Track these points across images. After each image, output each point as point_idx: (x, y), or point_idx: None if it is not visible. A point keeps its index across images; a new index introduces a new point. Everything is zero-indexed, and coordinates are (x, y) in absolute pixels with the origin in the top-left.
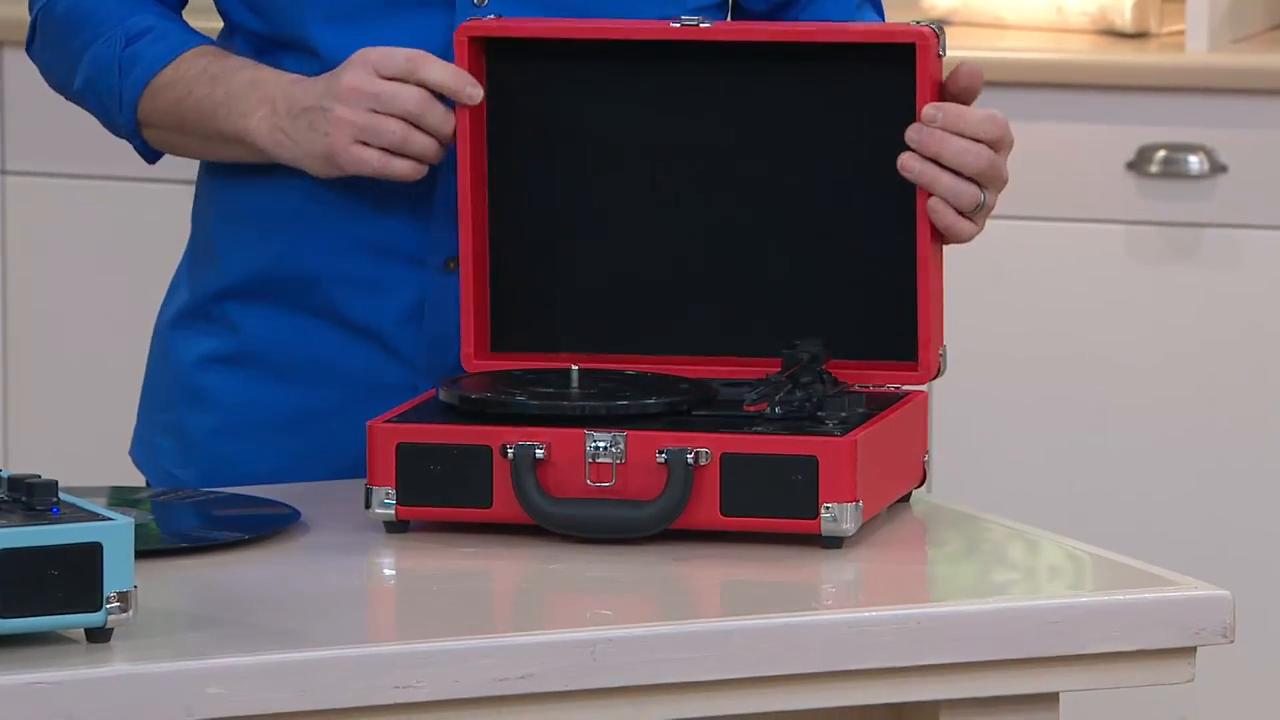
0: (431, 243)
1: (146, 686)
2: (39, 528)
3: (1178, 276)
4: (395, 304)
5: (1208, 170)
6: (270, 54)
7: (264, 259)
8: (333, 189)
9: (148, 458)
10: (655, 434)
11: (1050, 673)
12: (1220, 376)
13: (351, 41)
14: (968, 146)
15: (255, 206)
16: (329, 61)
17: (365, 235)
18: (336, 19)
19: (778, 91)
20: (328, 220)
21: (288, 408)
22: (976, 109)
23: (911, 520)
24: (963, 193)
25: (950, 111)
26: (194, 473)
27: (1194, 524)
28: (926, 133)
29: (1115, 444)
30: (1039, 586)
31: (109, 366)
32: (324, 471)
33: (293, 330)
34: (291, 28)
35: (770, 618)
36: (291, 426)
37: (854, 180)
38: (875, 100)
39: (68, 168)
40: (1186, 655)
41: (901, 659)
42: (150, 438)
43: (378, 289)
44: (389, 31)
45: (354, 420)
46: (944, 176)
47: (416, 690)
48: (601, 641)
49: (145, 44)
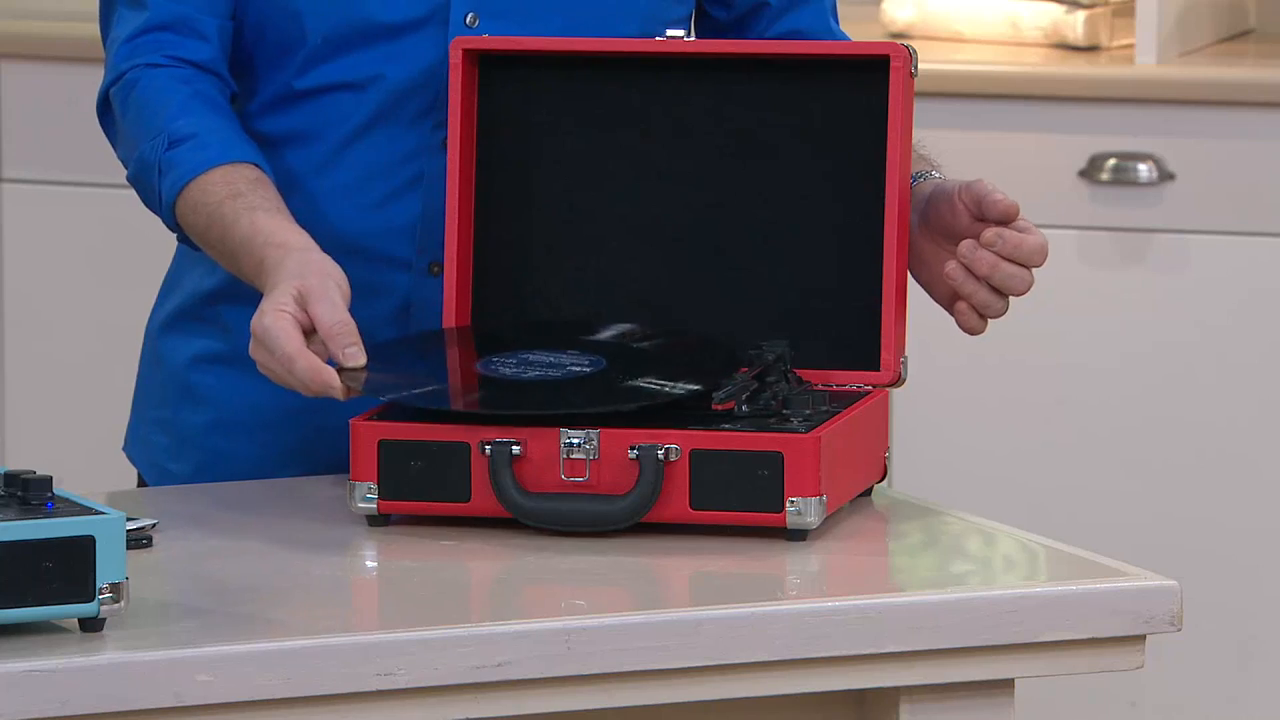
0: (419, 247)
1: (138, 674)
2: (34, 522)
3: (1128, 279)
4: (382, 306)
5: (1156, 178)
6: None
7: None
8: (322, 192)
9: (142, 453)
10: (627, 431)
11: (1006, 660)
12: (1169, 374)
13: (356, 65)
14: (1015, 272)
15: None
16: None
17: (354, 238)
18: (339, 42)
19: (754, 105)
20: (317, 223)
21: (277, 404)
22: (1031, 235)
23: (873, 514)
24: (995, 306)
25: (1010, 240)
26: (187, 467)
27: (1144, 517)
28: (981, 254)
29: (1069, 440)
30: (995, 577)
31: (103, 367)
32: (313, 466)
33: None
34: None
35: (738, 607)
36: (281, 422)
37: (825, 192)
38: (848, 114)
39: (63, 175)
40: (1136, 643)
41: (863, 647)
42: (144, 433)
43: (365, 291)
44: (390, 52)
45: (339, 417)
46: (982, 292)
47: (397, 678)
48: (576, 631)
49: (185, 150)
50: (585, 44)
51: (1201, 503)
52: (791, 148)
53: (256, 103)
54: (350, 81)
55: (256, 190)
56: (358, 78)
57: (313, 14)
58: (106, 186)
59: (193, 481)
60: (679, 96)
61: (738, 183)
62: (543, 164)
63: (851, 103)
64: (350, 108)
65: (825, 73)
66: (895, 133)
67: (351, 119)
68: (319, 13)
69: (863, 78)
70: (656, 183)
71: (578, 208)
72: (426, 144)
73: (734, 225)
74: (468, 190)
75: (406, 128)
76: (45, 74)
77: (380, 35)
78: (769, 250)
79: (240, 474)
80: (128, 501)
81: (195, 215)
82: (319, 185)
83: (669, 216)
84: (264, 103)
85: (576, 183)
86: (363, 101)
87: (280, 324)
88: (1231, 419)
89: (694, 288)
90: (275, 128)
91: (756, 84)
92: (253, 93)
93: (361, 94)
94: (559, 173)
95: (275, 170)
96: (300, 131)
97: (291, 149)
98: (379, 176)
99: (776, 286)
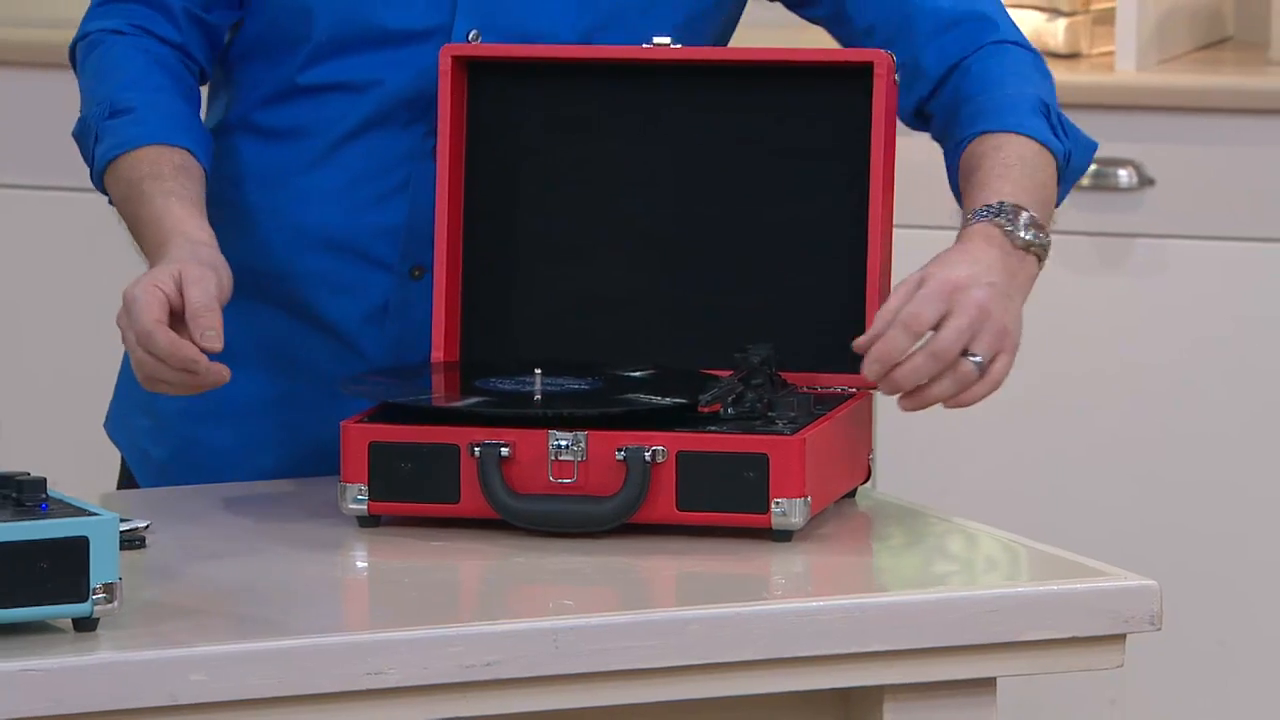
0: (402, 251)
1: (131, 673)
2: (28, 523)
3: (1109, 283)
4: (361, 305)
5: (1136, 184)
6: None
7: (238, 252)
8: (311, 189)
9: (124, 434)
10: (614, 433)
11: (988, 659)
12: (1149, 377)
13: (357, 67)
14: (916, 364)
15: (232, 201)
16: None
17: (338, 236)
18: (343, 42)
19: (740, 111)
20: (304, 218)
21: (252, 394)
22: (974, 388)
23: (857, 515)
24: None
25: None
26: (165, 451)
27: (1124, 518)
28: (873, 356)
29: (1050, 443)
30: (977, 577)
31: (90, 371)
32: (283, 456)
33: (262, 321)
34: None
35: (723, 607)
36: (255, 412)
37: (810, 196)
38: (833, 120)
39: (49, 180)
40: (1116, 642)
41: (847, 646)
42: (126, 415)
43: (345, 290)
44: (392, 58)
45: (314, 410)
46: (899, 379)
47: (388, 676)
48: (563, 630)
49: (122, 123)
50: (572, 51)
51: (1181, 504)
52: (776, 153)
53: (259, 94)
54: (350, 83)
55: (178, 176)
56: (357, 80)
57: (322, 11)
58: (91, 191)
59: (170, 465)
60: (665, 103)
61: (723, 188)
62: (530, 169)
63: (836, 109)
64: (347, 109)
65: (810, 79)
66: (878, 139)
67: (347, 120)
68: (328, 10)
69: (847, 84)
70: (643, 188)
71: (564, 212)
72: (417, 150)
73: (720, 230)
74: (456, 195)
75: (399, 133)
76: (31, 80)
77: (384, 40)
78: (755, 254)
79: (217, 461)
80: (121, 503)
81: (117, 186)
82: (309, 182)
83: (655, 221)
84: (266, 95)
85: (563, 188)
86: (359, 104)
87: (149, 295)
88: (1211, 421)
89: (680, 291)
90: (274, 121)
91: (742, 91)
92: (257, 83)
93: (359, 96)
94: (546, 178)
95: (267, 163)
96: (296, 128)
97: (286, 144)
98: (368, 179)
99: (762, 290)
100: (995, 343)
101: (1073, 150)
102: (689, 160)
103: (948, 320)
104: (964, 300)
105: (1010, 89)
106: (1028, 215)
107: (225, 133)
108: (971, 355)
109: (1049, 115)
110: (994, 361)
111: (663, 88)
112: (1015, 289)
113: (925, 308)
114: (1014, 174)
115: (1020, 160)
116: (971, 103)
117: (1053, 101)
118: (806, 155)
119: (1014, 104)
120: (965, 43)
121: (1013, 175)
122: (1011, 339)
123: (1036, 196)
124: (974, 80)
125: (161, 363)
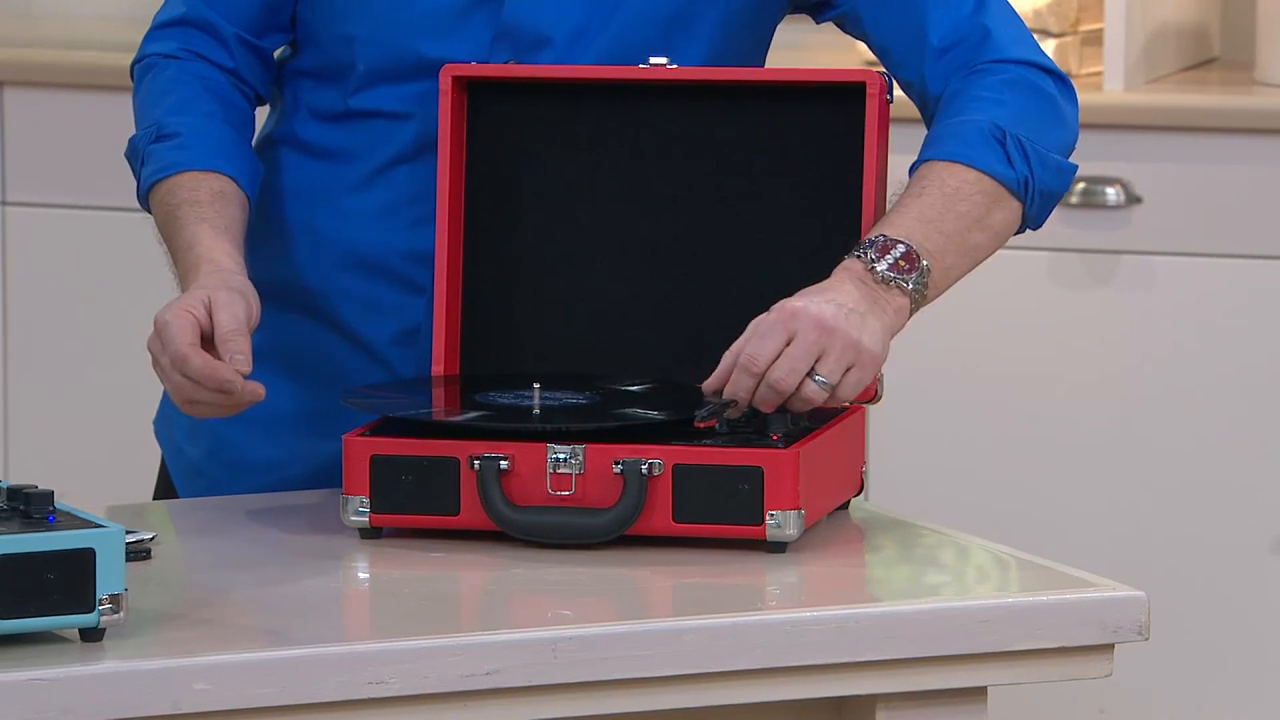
0: (432, 272)
1: (137, 683)
2: (36, 535)
3: (1097, 299)
4: (392, 326)
5: (1124, 201)
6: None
7: (278, 266)
8: (353, 211)
9: (165, 430)
10: (612, 446)
11: (979, 668)
12: (1136, 391)
13: (400, 97)
14: (761, 396)
15: (271, 214)
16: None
17: (374, 258)
18: (387, 72)
19: (735, 130)
20: (341, 238)
21: (285, 402)
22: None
23: (850, 526)
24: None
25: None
26: (200, 450)
27: (1113, 530)
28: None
29: (1041, 456)
30: (968, 588)
31: (105, 386)
32: (313, 464)
33: (298, 333)
34: None
35: (719, 617)
36: (288, 420)
37: (802, 214)
38: (826, 139)
39: (65, 199)
40: (1105, 652)
41: (841, 656)
42: (169, 414)
43: (378, 310)
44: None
45: (342, 422)
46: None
47: (389, 686)
48: (562, 640)
49: (166, 148)
50: (572, 71)
51: (1169, 516)
52: (771, 172)
53: (309, 112)
54: (395, 111)
55: (215, 203)
56: (400, 109)
57: (365, 41)
58: (107, 210)
59: (204, 463)
60: (662, 121)
61: (718, 205)
62: (530, 187)
63: (829, 128)
64: (393, 134)
65: (803, 99)
66: (871, 157)
67: (392, 145)
68: (370, 40)
69: (840, 104)
70: (640, 204)
71: (564, 229)
72: None
73: (714, 246)
74: (456, 211)
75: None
76: (48, 100)
77: (425, 70)
78: (749, 271)
79: (247, 465)
80: (127, 515)
81: (159, 208)
82: (350, 203)
83: (651, 237)
84: (316, 114)
85: (562, 205)
86: (403, 130)
87: (181, 320)
88: (1197, 435)
89: (676, 306)
90: (325, 140)
91: (737, 110)
92: (308, 101)
93: (404, 123)
94: (546, 195)
95: (313, 181)
96: (343, 149)
97: (331, 163)
98: (407, 204)
99: (756, 306)
100: (844, 358)
101: (1037, 174)
102: (687, 178)
103: (788, 349)
104: (803, 322)
105: (972, 114)
106: (901, 250)
107: (270, 145)
108: (817, 376)
109: (1004, 141)
110: (845, 376)
111: (660, 106)
112: (873, 312)
113: (764, 345)
114: (919, 205)
115: (941, 190)
116: (934, 128)
117: (1025, 125)
118: (801, 173)
119: (961, 131)
120: (959, 65)
121: (916, 207)
122: (867, 353)
123: (945, 228)
124: (945, 105)
125: (198, 385)
